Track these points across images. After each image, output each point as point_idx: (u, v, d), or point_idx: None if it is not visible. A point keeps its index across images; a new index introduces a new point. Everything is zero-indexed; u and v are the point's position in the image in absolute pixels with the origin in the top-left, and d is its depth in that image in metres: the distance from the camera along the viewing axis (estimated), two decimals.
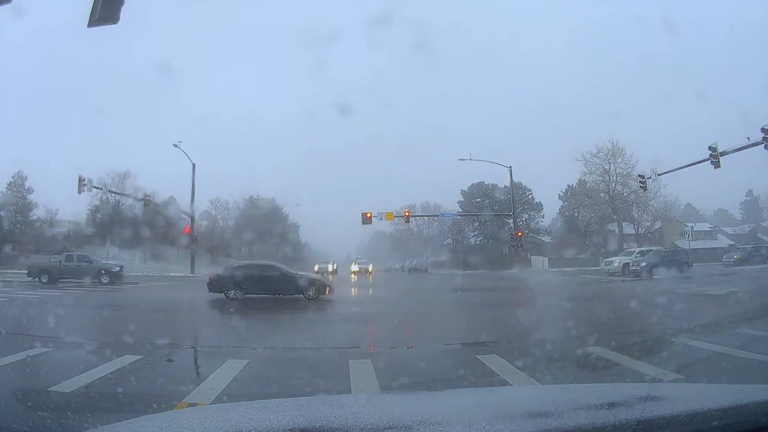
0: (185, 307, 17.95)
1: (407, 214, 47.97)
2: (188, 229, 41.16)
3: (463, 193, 63.20)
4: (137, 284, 26.73)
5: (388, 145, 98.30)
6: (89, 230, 48.79)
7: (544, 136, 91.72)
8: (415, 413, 2.08)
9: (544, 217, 63.64)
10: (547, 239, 61.62)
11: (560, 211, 61.31)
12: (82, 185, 34.91)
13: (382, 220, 42.76)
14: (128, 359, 7.55)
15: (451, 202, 60.64)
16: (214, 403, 5.16)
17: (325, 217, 63.46)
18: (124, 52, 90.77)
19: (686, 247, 41.34)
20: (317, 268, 46.55)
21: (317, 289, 18.09)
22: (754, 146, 25.79)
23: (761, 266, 33.59)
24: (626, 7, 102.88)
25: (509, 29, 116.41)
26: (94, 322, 13.08)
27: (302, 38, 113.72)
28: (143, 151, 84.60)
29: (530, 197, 61.73)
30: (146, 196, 41.44)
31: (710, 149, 27.95)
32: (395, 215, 45.74)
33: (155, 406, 5.02)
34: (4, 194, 50.16)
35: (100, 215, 50.20)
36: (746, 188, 72.23)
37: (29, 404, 5.30)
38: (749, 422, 1.82)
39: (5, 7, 8.04)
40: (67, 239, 46.11)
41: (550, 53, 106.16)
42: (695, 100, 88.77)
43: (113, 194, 45.81)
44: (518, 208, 54.08)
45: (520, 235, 43.28)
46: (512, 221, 49.55)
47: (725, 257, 42.43)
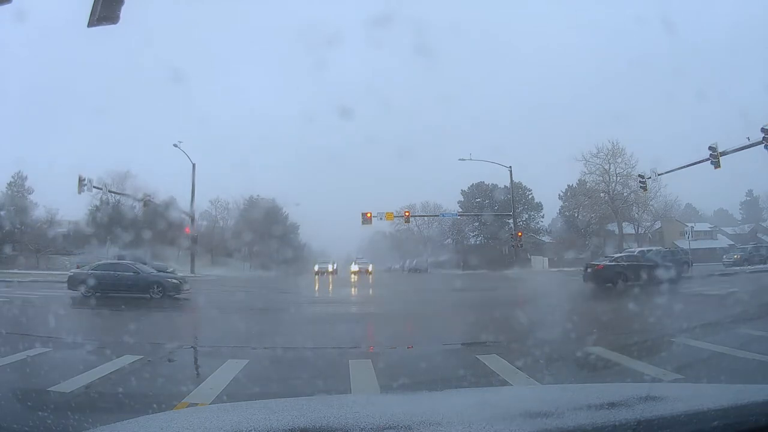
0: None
1: (407, 214, 47.89)
2: (188, 229, 41.18)
3: (463, 193, 63.32)
4: None
5: (388, 145, 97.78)
6: (89, 230, 48.70)
7: (544, 136, 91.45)
8: (415, 413, 2.07)
9: (544, 217, 63.83)
10: (547, 239, 61.52)
11: (560, 211, 61.35)
12: (82, 185, 34.86)
13: (382, 220, 42.76)
14: (128, 359, 7.56)
15: (451, 202, 60.70)
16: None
17: (325, 217, 63.20)
18: (124, 52, 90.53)
19: (686, 247, 41.37)
20: (317, 268, 46.50)
21: (164, 289, 18.34)
22: (754, 146, 25.80)
23: (761, 266, 33.56)
24: (626, 7, 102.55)
25: (509, 29, 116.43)
26: None
27: (302, 39, 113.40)
28: (143, 151, 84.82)
29: (530, 197, 61.83)
30: (146, 196, 41.38)
31: (710, 149, 27.97)
32: (395, 215, 45.70)
33: (155, 406, 5.02)
34: (4, 194, 50.12)
35: (100, 215, 50.09)
36: (746, 188, 72.39)
37: (29, 404, 5.30)
38: (749, 422, 1.81)
39: (5, 7, 8.04)
40: (66, 239, 46.07)
41: (550, 53, 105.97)
42: (695, 100, 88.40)
43: (113, 194, 45.65)
44: (518, 208, 54.06)
45: (520, 235, 43.30)
46: (512, 221, 49.55)
47: (725, 257, 42.30)
